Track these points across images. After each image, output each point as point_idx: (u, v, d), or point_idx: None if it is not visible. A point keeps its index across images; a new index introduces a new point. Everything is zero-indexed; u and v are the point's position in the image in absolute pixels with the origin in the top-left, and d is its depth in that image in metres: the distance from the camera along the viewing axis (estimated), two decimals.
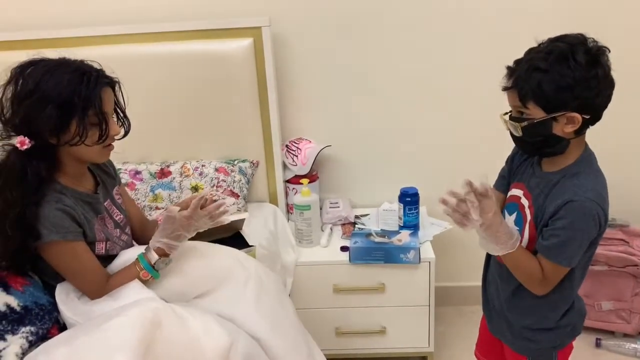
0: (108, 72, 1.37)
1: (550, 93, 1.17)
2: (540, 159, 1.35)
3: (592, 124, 1.23)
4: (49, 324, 1.37)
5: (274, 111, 2.19)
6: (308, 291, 2.10)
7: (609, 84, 1.20)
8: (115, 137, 1.42)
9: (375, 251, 2.03)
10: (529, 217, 1.32)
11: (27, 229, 1.31)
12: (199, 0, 2.17)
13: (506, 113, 1.29)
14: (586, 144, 1.29)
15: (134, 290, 1.37)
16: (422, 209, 2.29)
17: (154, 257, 1.40)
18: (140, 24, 2.12)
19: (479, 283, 1.55)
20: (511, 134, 1.30)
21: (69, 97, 1.28)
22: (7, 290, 1.36)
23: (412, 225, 2.16)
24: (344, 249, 2.12)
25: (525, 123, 1.22)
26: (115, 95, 1.41)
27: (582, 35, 1.20)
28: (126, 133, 1.46)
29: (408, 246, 2.02)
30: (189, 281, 1.47)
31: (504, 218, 1.31)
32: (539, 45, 1.23)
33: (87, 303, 1.38)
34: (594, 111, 1.20)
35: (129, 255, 1.46)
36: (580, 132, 1.23)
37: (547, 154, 1.29)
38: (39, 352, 1.22)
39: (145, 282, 1.41)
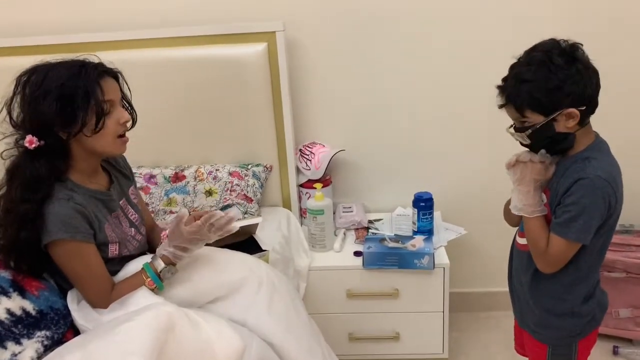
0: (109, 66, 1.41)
1: (543, 98, 1.26)
2: None
3: (592, 112, 1.31)
4: (64, 328, 1.38)
5: (288, 115, 2.19)
6: (321, 296, 2.10)
7: (593, 73, 1.27)
8: (127, 125, 1.43)
9: (389, 256, 2.02)
10: (545, 200, 1.39)
11: (36, 226, 1.32)
12: (213, 5, 2.18)
13: (510, 126, 1.37)
14: (597, 134, 1.36)
15: (143, 297, 1.36)
16: (437, 214, 2.28)
17: (160, 265, 1.40)
18: (154, 29, 2.13)
19: (494, 289, 1.57)
20: (521, 143, 1.38)
21: (69, 88, 1.31)
22: (23, 294, 1.37)
23: (426, 230, 2.15)
24: (357, 254, 2.11)
25: (529, 131, 1.30)
26: (119, 85, 1.43)
27: (552, 39, 1.29)
28: (134, 123, 1.48)
29: (422, 251, 2.00)
30: (197, 291, 1.46)
31: None
32: (518, 59, 1.32)
33: (98, 310, 1.38)
34: (587, 101, 1.27)
35: (134, 265, 1.45)
36: (582, 123, 1.30)
37: (560, 151, 1.35)
38: (53, 356, 1.23)
39: (151, 291, 1.40)
